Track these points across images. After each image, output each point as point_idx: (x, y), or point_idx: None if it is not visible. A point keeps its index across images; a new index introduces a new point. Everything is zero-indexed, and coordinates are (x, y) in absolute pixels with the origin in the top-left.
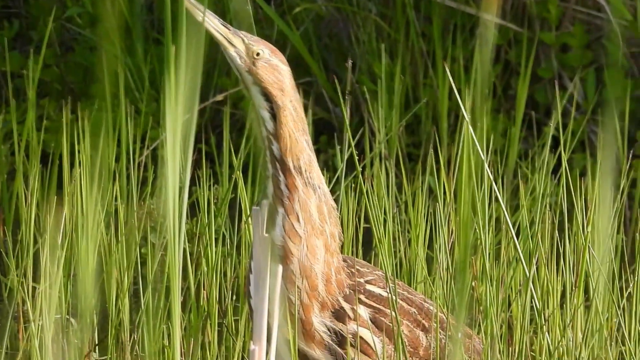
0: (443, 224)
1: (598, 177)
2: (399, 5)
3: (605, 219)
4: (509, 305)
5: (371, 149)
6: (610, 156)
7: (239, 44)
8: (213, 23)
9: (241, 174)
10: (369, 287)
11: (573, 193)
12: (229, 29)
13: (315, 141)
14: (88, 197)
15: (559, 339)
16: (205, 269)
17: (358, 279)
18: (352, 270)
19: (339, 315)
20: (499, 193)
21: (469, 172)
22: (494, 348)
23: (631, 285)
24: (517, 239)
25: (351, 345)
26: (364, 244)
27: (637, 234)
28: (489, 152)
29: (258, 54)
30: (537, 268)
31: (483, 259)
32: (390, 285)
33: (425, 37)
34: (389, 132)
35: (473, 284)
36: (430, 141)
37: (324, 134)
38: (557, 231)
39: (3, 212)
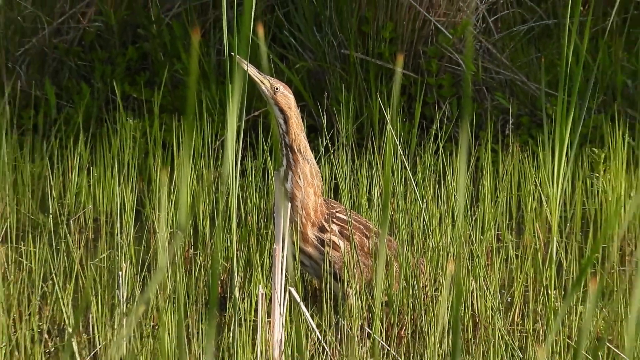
0: (376, 180)
1: (459, 156)
2: (352, 64)
3: (462, 178)
4: (412, 223)
5: (337, 140)
6: (465, 145)
7: (267, 83)
8: (253, 71)
9: (269, 154)
10: (337, 214)
11: (445, 165)
12: (262, 74)
13: (308, 137)
14: (187, 166)
15: (438, 241)
16: (250, 204)
17: (331, 210)
18: (329, 205)
19: (321, 229)
20: (406, 164)
21: (390, 153)
22: (404, 247)
23: (476, 213)
24: (416, 188)
25: (327, 245)
26: (334, 192)
27: (480, 187)
28: (401, 142)
29: (277, 89)
30: (426, 204)
31: (398, 199)
32: (348, 213)
33: (366, 80)
34: (347, 132)
35: (392, 212)
36: (369, 137)
37: (312, 133)
38: (437, 184)
39: (142, 174)
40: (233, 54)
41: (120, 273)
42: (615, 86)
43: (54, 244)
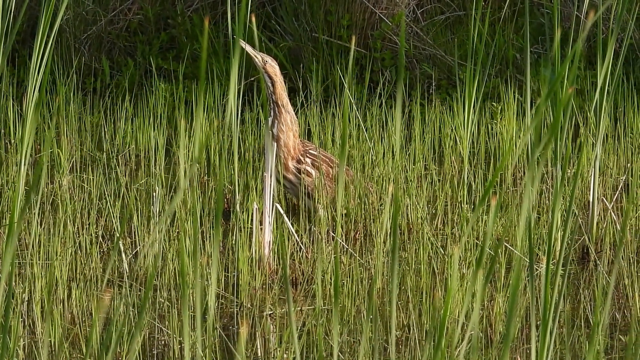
0: (337, 126)
1: (396, 109)
2: (320, 44)
3: (399, 125)
4: (363, 157)
5: (310, 98)
6: (400, 101)
7: (259, 57)
8: (249, 49)
9: (261, 108)
10: (310, 151)
11: (387, 115)
12: (255, 51)
13: (288, 95)
14: (201, 116)
15: (382, 170)
16: (247, 144)
17: (305, 148)
18: (304, 144)
19: (299, 161)
20: (359, 114)
21: (347, 107)
22: (358, 174)
23: (409, 149)
24: (366, 131)
25: (303, 173)
26: (307, 135)
27: (412, 131)
28: (355, 99)
29: (266, 61)
30: (373, 143)
31: (353, 140)
32: (318, 150)
33: (330, 55)
34: (317, 92)
35: (349, 149)
36: (333, 95)
37: (292, 93)
38: (381, 129)
39: (170, 123)
40: (235, 36)
41: (154, 194)
42: (508, 58)
43: (106, 173)
